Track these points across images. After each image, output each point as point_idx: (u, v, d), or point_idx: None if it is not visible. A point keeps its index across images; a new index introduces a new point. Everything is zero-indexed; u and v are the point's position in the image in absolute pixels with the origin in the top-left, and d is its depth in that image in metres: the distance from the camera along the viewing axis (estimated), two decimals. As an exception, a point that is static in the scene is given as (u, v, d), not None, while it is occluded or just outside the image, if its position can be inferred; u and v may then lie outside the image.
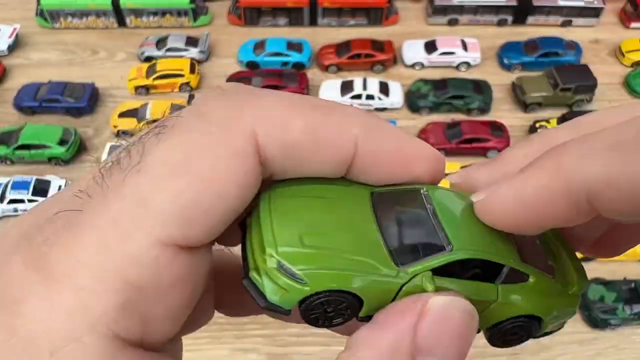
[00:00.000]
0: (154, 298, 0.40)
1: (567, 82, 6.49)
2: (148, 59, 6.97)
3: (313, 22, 7.55)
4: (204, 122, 0.43)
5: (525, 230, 0.46)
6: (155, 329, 0.41)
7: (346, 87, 6.53)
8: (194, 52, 6.94)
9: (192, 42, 7.02)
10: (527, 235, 0.48)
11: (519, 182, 0.43)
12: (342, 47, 6.98)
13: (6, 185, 5.70)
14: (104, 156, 5.63)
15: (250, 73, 6.73)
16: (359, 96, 6.45)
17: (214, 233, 0.42)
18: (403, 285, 0.44)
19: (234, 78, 6.62)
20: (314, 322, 0.45)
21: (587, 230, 0.54)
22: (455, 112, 6.61)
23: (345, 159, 0.46)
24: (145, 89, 6.69)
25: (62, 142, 6.03)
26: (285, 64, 6.93)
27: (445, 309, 0.43)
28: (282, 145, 0.43)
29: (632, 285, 5.28)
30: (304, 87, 6.52)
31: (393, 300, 0.45)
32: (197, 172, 0.40)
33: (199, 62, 6.94)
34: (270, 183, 0.48)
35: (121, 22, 7.46)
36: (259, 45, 6.99)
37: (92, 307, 0.37)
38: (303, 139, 0.44)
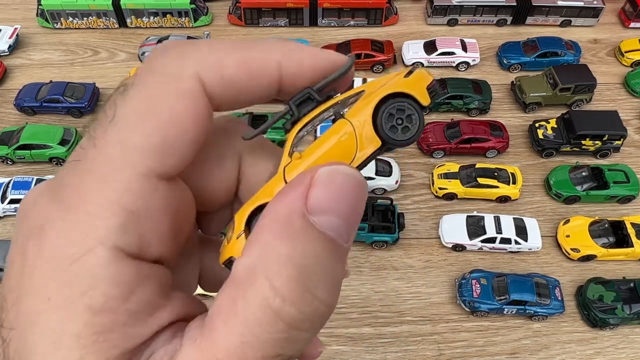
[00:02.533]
0: (146, 220, 0.50)
1: (566, 82, 6.51)
2: (148, 59, 6.97)
3: (313, 23, 7.57)
4: (156, 74, 0.53)
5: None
6: (149, 245, 0.51)
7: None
8: (194, 53, 6.94)
9: (192, 42, 7.03)
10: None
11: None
12: (342, 48, 6.99)
13: (7, 185, 5.73)
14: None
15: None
16: (358, 96, 6.46)
17: (182, 162, 0.52)
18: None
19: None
20: None
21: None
22: (455, 112, 6.62)
23: (272, 81, 0.57)
24: (146, 89, 6.69)
25: (63, 142, 6.05)
26: (285, 64, 6.93)
27: (329, 174, 0.50)
28: (222, 80, 0.54)
29: (631, 284, 5.30)
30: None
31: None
32: (160, 115, 0.51)
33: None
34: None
35: (122, 23, 7.47)
36: (259, 46, 7.00)
37: (99, 227, 0.48)
38: (237, 72, 0.55)
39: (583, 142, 6.14)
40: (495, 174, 5.88)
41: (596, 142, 6.15)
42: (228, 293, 0.47)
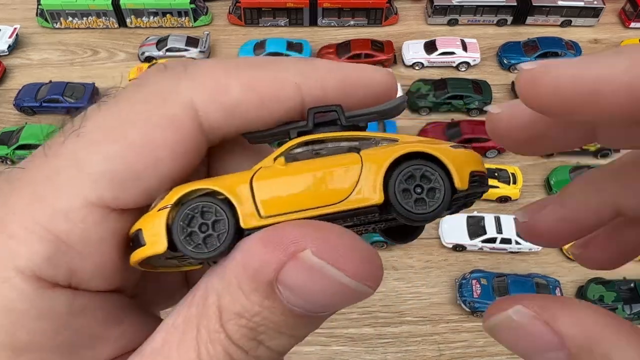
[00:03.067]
0: (82, 254, 0.42)
1: (567, 82, 6.49)
2: (148, 59, 6.97)
3: (313, 23, 7.56)
4: (142, 92, 0.45)
5: (562, 113, 0.41)
6: (84, 280, 0.43)
7: (346, 87, 6.54)
8: (194, 53, 6.94)
9: (192, 42, 7.02)
10: (556, 121, 0.45)
11: (583, 64, 0.39)
12: (342, 47, 6.99)
13: (7, 186, 5.71)
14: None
15: (250, 73, 6.73)
16: (358, 96, 6.45)
17: (146, 197, 0.44)
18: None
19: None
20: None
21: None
22: (455, 112, 6.61)
23: (290, 108, 0.47)
24: (146, 89, 6.69)
25: (62, 142, 6.04)
26: (285, 64, 6.93)
27: (320, 263, 0.39)
28: (223, 107, 0.45)
29: (632, 285, 5.29)
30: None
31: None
32: (130, 138, 0.42)
33: (199, 62, 6.94)
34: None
35: (121, 23, 7.46)
36: (259, 46, 6.99)
37: (19, 254, 0.40)
38: (243, 97, 0.45)
39: (583, 142, 6.13)
40: (496, 174, 5.88)
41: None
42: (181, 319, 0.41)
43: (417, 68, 7.04)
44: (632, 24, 7.67)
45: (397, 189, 0.43)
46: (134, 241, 0.45)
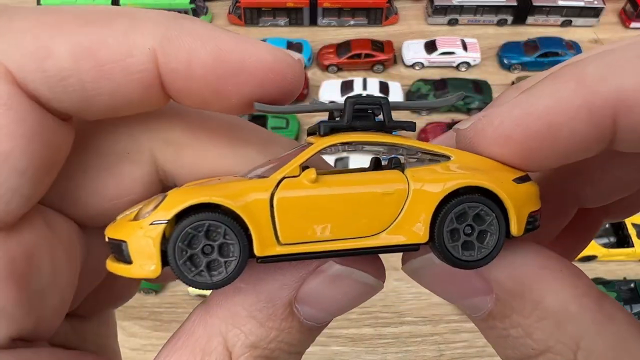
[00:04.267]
0: None
1: (567, 82, 6.49)
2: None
3: (313, 22, 7.55)
4: None
5: (522, 163, 0.37)
6: None
7: (346, 87, 6.54)
8: (194, 52, 6.94)
9: (192, 42, 7.03)
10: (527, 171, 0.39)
11: (524, 101, 0.35)
12: (342, 47, 6.98)
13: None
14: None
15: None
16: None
17: (21, 195, 0.34)
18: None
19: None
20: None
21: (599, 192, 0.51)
22: (455, 112, 6.61)
23: (144, 80, 0.35)
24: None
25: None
26: (285, 64, 6.93)
27: (339, 275, 0.38)
28: (47, 77, 0.33)
29: (632, 285, 5.28)
30: (304, 88, 6.52)
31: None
32: None
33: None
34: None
35: (121, 22, 7.46)
36: (259, 46, 6.99)
37: None
38: (74, 65, 0.33)
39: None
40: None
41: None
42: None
43: (417, 68, 7.04)
44: (632, 24, 7.65)
45: (445, 228, 0.36)
46: (115, 250, 0.38)
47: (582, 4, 7.53)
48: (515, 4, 7.48)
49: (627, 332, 0.35)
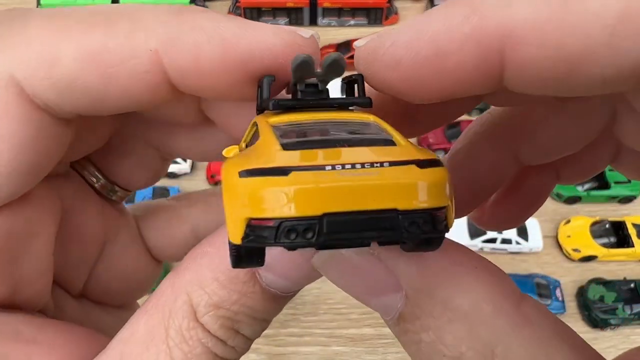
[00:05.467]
0: None
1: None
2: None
3: (313, 22, 7.55)
4: None
5: (410, 92, 0.35)
6: None
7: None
8: (194, 52, 6.94)
9: (192, 42, 7.03)
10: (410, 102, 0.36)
11: (417, 24, 0.33)
12: (342, 47, 6.98)
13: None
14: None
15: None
16: (359, 96, 6.46)
17: (13, 189, 0.36)
18: None
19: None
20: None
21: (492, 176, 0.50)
22: (455, 112, 6.60)
23: (151, 83, 0.35)
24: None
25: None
26: (285, 63, 6.94)
27: None
28: (54, 83, 0.34)
29: (632, 285, 5.29)
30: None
31: None
32: None
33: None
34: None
35: (121, 22, 7.46)
36: (259, 45, 7.00)
37: None
38: (79, 71, 0.34)
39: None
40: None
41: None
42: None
43: (417, 68, 7.05)
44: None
45: None
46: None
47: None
48: (515, 3, 7.49)
49: (549, 338, 0.32)
